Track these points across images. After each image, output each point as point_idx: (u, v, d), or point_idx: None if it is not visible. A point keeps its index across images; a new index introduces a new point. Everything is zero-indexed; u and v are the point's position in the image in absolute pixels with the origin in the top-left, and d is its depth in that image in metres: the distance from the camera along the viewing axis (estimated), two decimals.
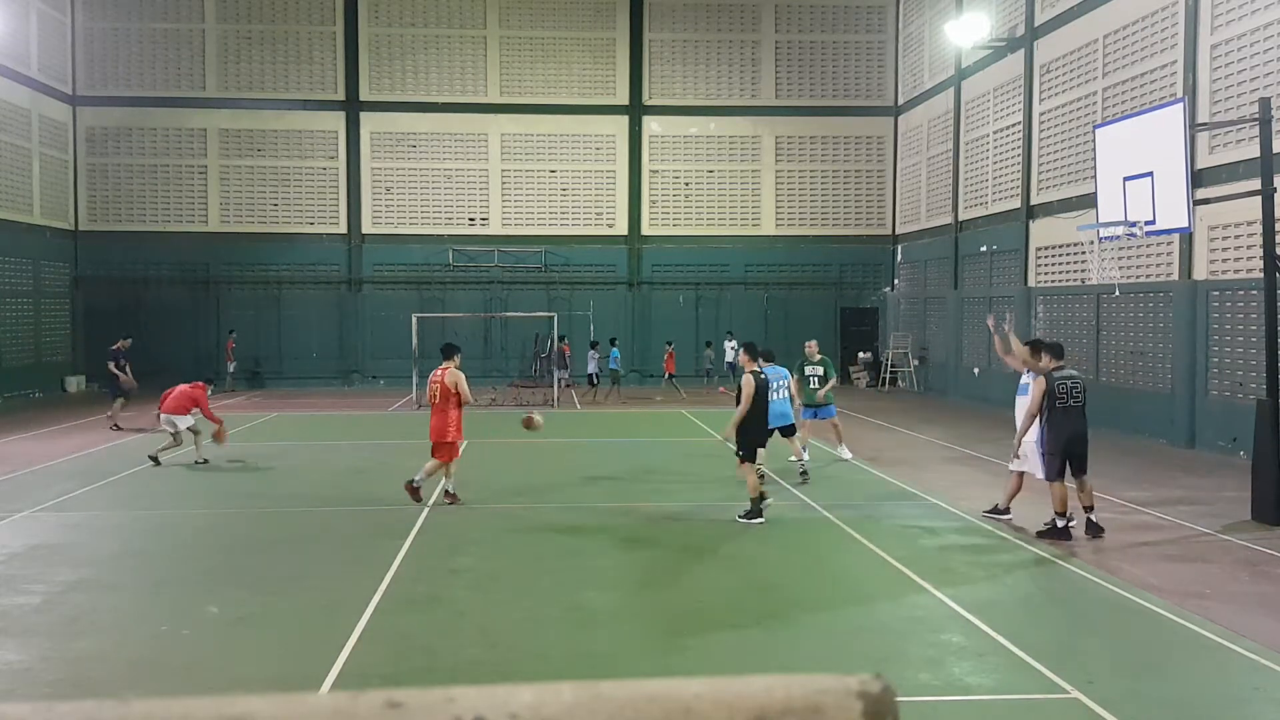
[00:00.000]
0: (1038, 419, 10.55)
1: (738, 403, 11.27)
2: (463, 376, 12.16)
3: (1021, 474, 11.04)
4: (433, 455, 12.29)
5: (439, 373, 12.25)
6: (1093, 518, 10.52)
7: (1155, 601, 8.20)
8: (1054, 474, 10.46)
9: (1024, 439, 10.76)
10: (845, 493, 13.08)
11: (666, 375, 27.66)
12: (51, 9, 28.95)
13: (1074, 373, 10.83)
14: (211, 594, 8.53)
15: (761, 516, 11.15)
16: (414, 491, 12.12)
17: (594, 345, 27.66)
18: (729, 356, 29.11)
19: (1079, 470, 10.56)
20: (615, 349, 26.78)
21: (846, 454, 15.59)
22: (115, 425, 19.74)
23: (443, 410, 12.10)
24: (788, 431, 13.67)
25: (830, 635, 7.58)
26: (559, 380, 27.76)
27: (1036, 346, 11.06)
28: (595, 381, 26.91)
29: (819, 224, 32.37)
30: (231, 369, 29.08)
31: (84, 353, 29.62)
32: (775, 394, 13.00)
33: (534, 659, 6.93)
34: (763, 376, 11.48)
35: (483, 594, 8.57)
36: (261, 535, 10.81)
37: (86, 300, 30.08)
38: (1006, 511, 11.17)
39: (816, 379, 15.20)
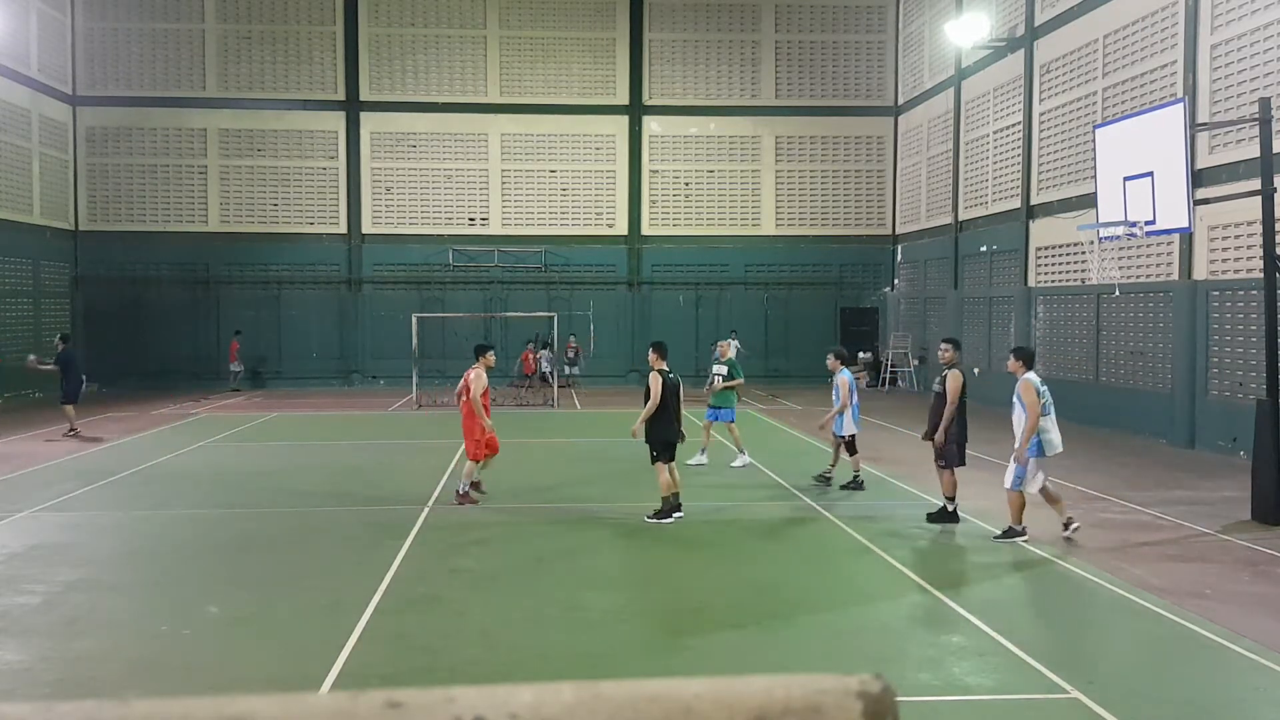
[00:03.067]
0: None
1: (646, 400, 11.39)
2: (483, 379, 12.24)
3: (1044, 488, 10.38)
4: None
5: (469, 372, 12.41)
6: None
7: (1155, 601, 8.20)
8: (957, 462, 11.11)
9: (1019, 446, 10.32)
10: (845, 493, 13.08)
11: (524, 376, 27.63)
12: (51, 9, 28.95)
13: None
14: (211, 594, 8.54)
15: (670, 518, 11.24)
16: (462, 497, 12.22)
17: (546, 345, 27.94)
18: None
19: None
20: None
21: (740, 461, 15.15)
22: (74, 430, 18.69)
23: (469, 408, 12.22)
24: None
25: (830, 635, 7.58)
26: (571, 377, 28.00)
27: (952, 341, 11.67)
28: (549, 380, 27.37)
29: (819, 224, 32.37)
30: (237, 369, 29.17)
31: (84, 353, 29.58)
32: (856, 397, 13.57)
33: (534, 659, 6.93)
34: (671, 376, 11.43)
35: (483, 594, 8.57)
36: (261, 535, 10.81)
37: (86, 300, 30.08)
38: (1024, 533, 10.39)
39: (720, 378, 15.19)
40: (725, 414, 15.12)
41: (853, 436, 13.45)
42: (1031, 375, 10.47)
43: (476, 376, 12.28)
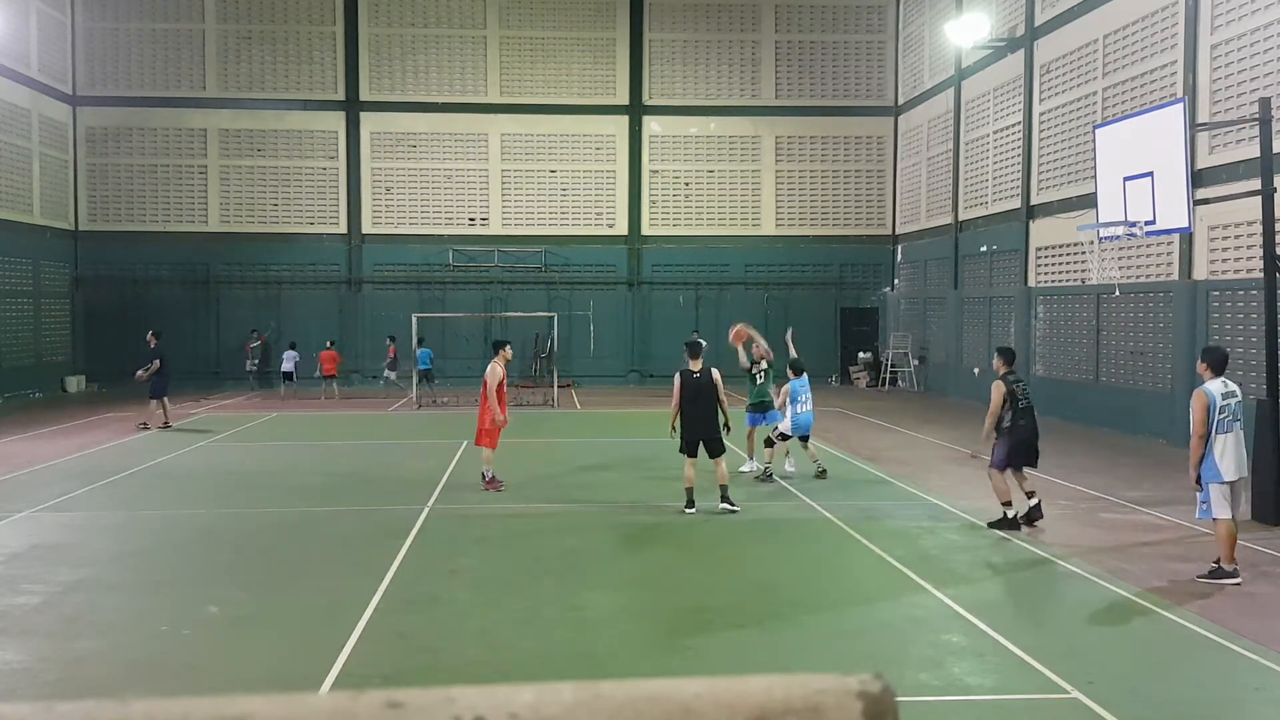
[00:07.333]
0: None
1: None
2: (497, 372, 12.89)
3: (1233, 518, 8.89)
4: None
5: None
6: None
7: (1155, 601, 8.20)
8: (1003, 464, 11.03)
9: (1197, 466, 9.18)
10: (845, 493, 13.08)
11: (325, 377, 26.59)
12: (51, 9, 28.95)
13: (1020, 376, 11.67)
14: (211, 594, 8.53)
15: (686, 510, 11.69)
16: (489, 483, 13.10)
17: (292, 345, 27.63)
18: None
19: (1031, 462, 11.22)
20: (426, 349, 26.58)
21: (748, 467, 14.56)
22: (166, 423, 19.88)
23: (484, 400, 12.95)
24: (805, 439, 14.34)
25: (830, 635, 7.58)
26: (385, 381, 27.51)
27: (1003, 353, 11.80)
28: (291, 380, 26.74)
29: (819, 224, 32.36)
30: (252, 367, 29.26)
31: (84, 353, 29.64)
32: (802, 405, 13.99)
33: (534, 659, 6.93)
34: (698, 375, 11.74)
35: (483, 594, 8.57)
36: (261, 535, 10.81)
37: (86, 300, 30.07)
38: (1235, 575, 8.84)
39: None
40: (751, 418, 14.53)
41: (783, 435, 14.05)
42: (1211, 386, 9.02)
43: (491, 370, 12.94)
